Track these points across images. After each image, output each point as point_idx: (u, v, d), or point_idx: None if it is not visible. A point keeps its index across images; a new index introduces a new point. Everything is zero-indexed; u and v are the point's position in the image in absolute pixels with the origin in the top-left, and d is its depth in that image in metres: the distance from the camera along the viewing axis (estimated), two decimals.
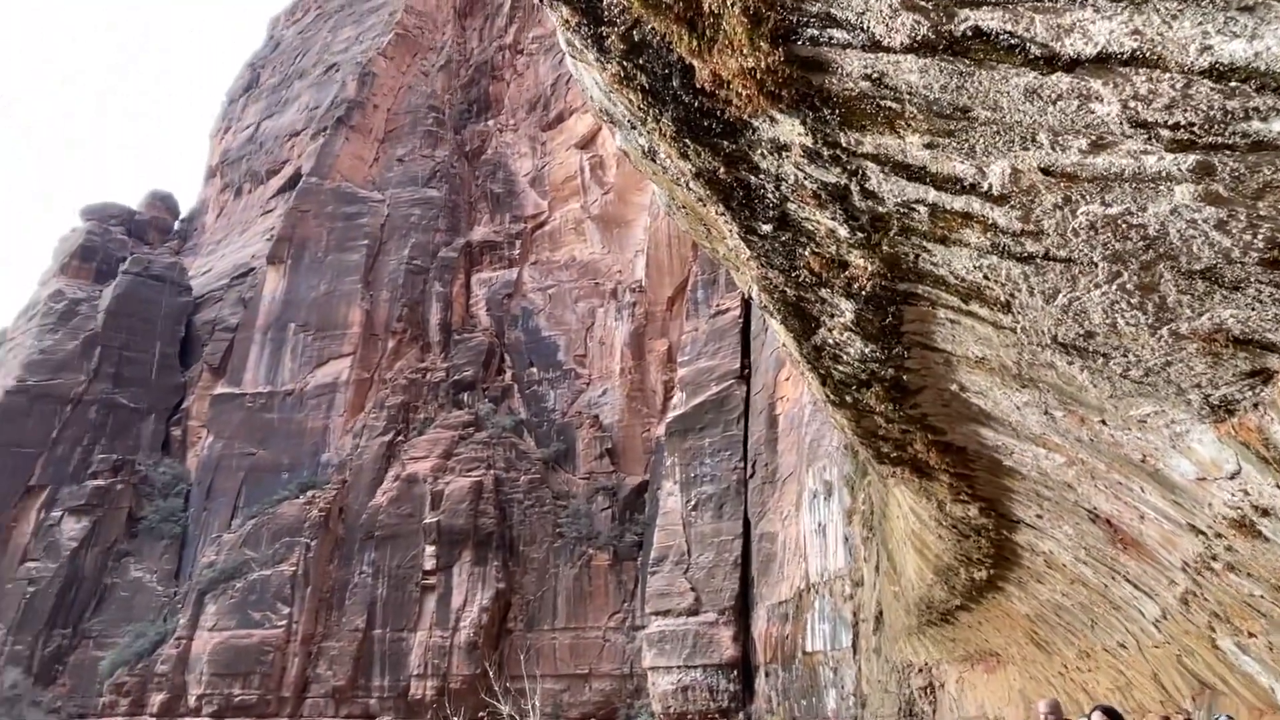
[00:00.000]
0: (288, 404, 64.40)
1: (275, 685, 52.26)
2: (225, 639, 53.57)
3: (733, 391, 37.93)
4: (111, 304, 75.43)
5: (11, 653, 59.77)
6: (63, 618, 62.11)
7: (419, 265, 65.71)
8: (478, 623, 48.75)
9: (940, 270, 4.80)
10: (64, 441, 69.18)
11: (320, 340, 65.13)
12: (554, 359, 59.09)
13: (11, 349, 75.95)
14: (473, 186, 70.22)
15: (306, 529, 55.83)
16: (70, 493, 66.29)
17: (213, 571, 56.30)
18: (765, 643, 29.07)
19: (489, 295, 63.77)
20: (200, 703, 52.59)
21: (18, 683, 58.53)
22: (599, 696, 46.53)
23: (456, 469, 54.13)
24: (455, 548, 51.12)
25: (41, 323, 74.75)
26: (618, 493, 52.28)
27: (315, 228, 69.36)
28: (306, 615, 53.91)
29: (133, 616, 61.40)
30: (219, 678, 52.66)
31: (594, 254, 60.90)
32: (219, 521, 61.74)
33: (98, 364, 72.52)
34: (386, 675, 50.16)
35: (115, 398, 72.02)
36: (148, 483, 68.28)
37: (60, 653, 61.17)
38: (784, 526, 28.82)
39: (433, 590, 50.89)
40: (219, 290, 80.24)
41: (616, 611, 48.19)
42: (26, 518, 66.17)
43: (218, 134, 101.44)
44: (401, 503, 54.15)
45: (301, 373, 64.81)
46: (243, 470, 63.09)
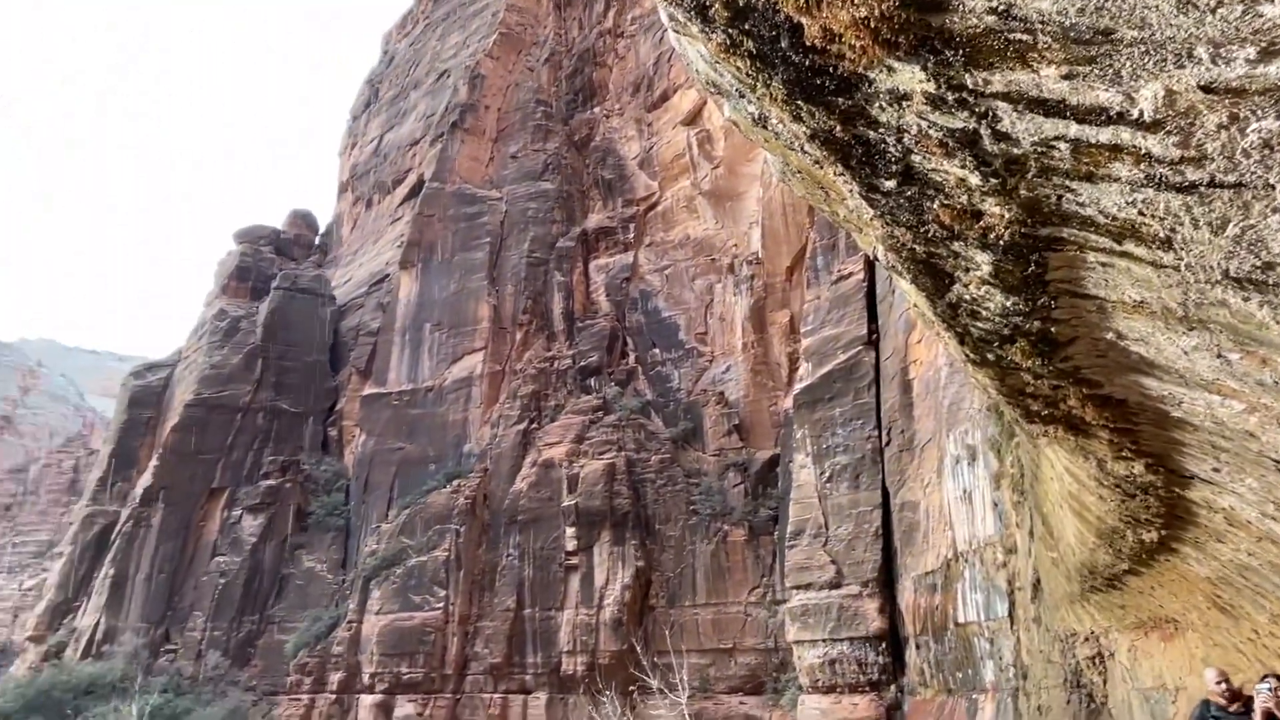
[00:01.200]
0: (429, 399, 67.99)
1: (438, 663, 55.69)
2: (390, 621, 57.51)
3: (861, 358, 36.79)
4: (267, 318, 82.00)
5: (211, 638, 66.67)
6: (250, 605, 68.59)
7: (539, 257, 67.49)
8: (620, 600, 49.96)
9: (1087, 210, 4.45)
10: (238, 447, 76.08)
11: (454, 337, 68.24)
12: (675, 339, 59.33)
13: (188, 366, 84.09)
14: (584, 175, 71.29)
15: (455, 516, 58.93)
16: (247, 493, 72.94)
17: (375, 559, 60.47)
18: (913, 614, 28.22)
19: (607, 281, 64.70)
20: (373, 680, 56.81)
21: (219, 664, 65.31)
22: (744, 670, 46.73)
23: (589, 452, 55.48)
24: (594, 528, 52.52)
25: (210, 340, 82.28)
26: (749, 468, 52.05)
27: (440, 230, 72.55)
28: (461, 597, 57.03)
29: (308, 603, 66.98)
30: (388, 657, 56.66)
31: (708, 230, 60.50)
32: (377, 513, 66.19)
33: (260, 374, 79.14)
34: (539, 652, 52.37)
35: (278, 404, 78.49)
36: (312, 480, 74.12)
37: (251, 637, 67.64)
38: (926, 495, 27.79)
39: (576, 570, 52.55)
40: (359, 297, 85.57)
41: (756, 586, 48.14)
42: (213, 517, 73.40)
43: (345, 151, 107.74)
44: (540, 487, 56.12)
45: (439, 369, 68.20)
46: (394, 464, 67.28)
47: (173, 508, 72.57)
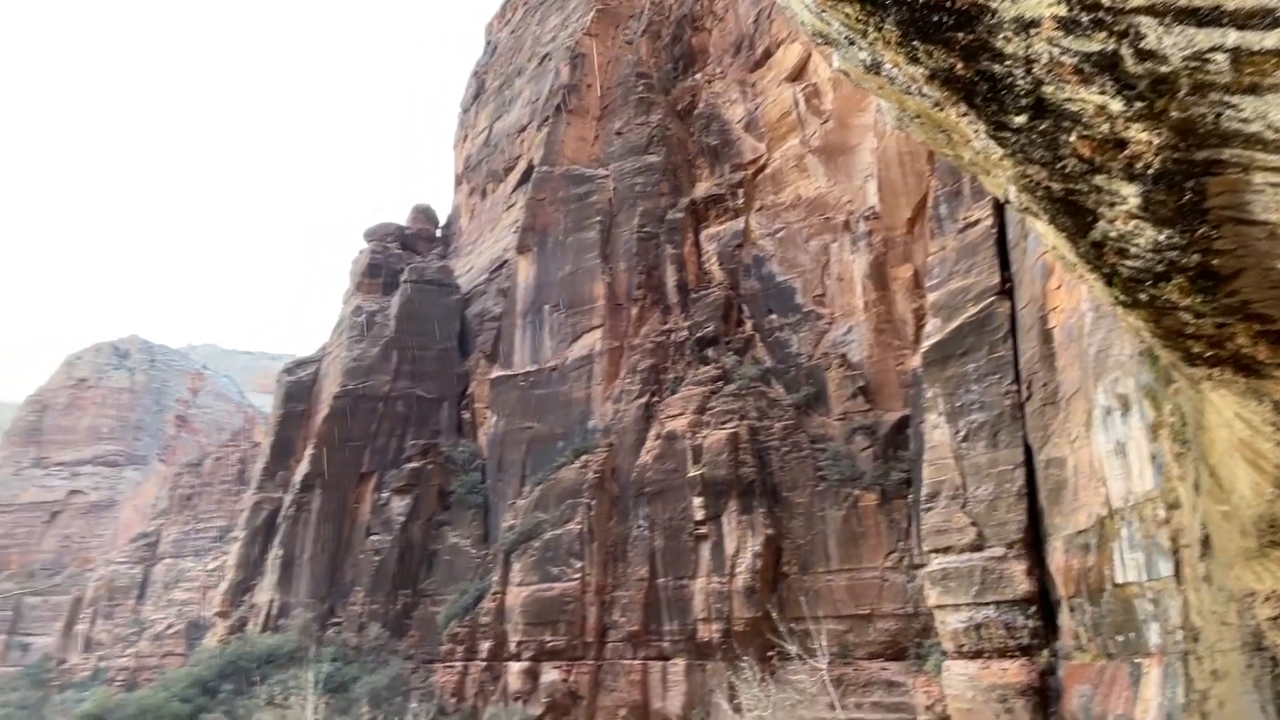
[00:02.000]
0: (553, 379, 69.94)
1: (579, 631, 57.76)
2: (531, 592, 60.05)
3: (994, 309, 34.82)
4: (399, 311, 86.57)
5: (371, 611, 71.84)
6: (403, 580, 73.36)
7: (649, 231, 67.69)
8: (752, 568, 50.02)
9: (1252, 127, 4.01)
10: (382, 433, 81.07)
11: (572, 317, 69.74)
12: (792, 303, 58.20)
13: (332, 360, 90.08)
14: (689, 144, 70.66)
15: (585, 490, 60.61)
16: (393, 475, 77.73)
17: (513, 534, 63.18)
18: (1065, 576, 26.75)
19: (719, 249, 64.12)
20: (519, 649, 59.62)
21: (379, 634, 70.34)
22: (884, 636, 45.87)
23: (711, 423, 55.55)
24: (720, 498, 52.70)
25: (349, 335, 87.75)
26: (877, 431, 50.64)
27: (553, 213, 74.01)
28: (596, 568, 58.75)
29: (455, 577, 70.90)
30: (531, 626, 59.27)
31: (820, 188, 58.72)
32: (511, 490, 69.01)
33: (397, 364, 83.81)
34: (674, 620, 53.32)
35: (414, 391, 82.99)
36: (451, 461, 78.11)
37: (406, 609, 72.40)
38: (1073, 450, 26.13)
39: (705, 539, 52.99)
40: (482, 284, 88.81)
41: (892, 551, 47.00)
42: (365, 499, 78.74)
43: (458, 143, 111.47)
44: (665, 459, 56.76)
45: (560, 349, 69.96)
46: (524, 443, 69.82)
47: (329, 492, 78.41)
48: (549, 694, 57.13)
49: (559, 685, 57.11)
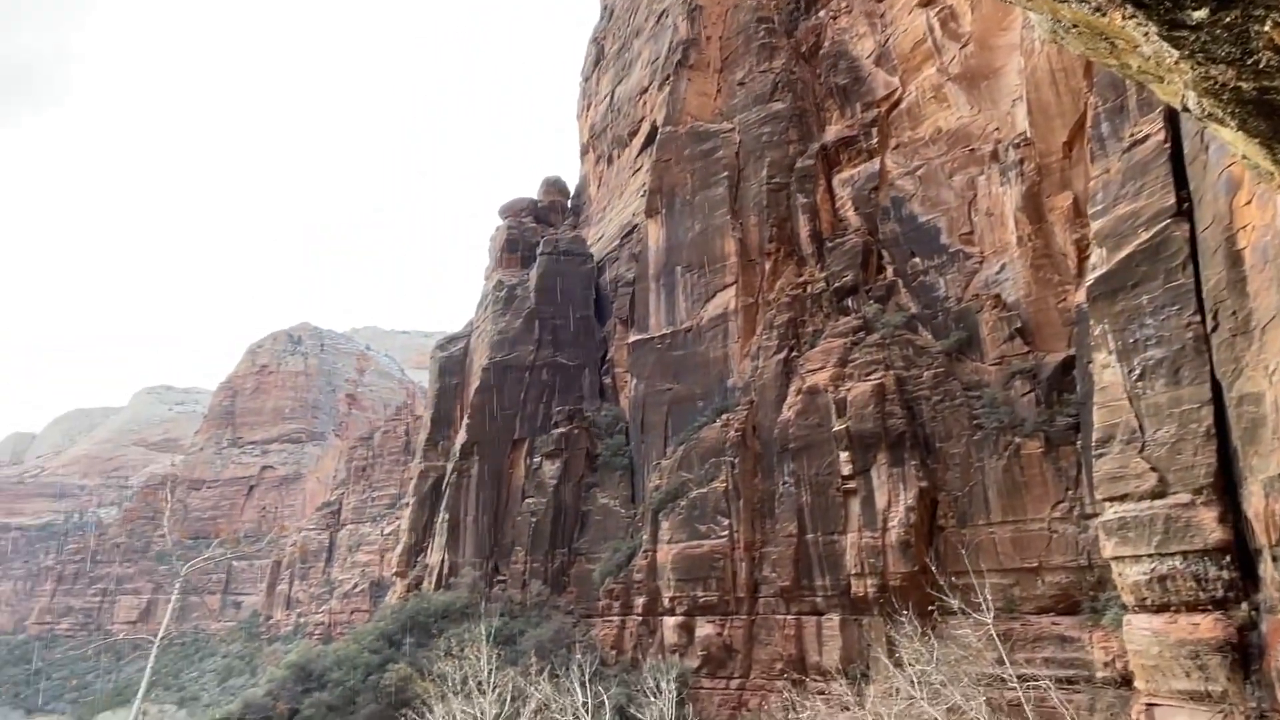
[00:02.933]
0: (689, 340, 70.11)
1: (730, 587, 58.40)
2: (681, 550, 61.19)
3: (1170, 234, 31.42)
4: (537, 283, 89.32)
5: (532, 569, 75.69)
6: (559, 540, 76.71)
7: (779, 182, 65.87)
8: (906, 522, 48.53)
9: None
10: (530, 401, 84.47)
11: (705, 276, 69.37)
12: (936, 244, 55.07)
13: (479, 335, 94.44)
14: (816, 87, 67.80)
15: (728, 449, 60.72)
16: (543, 441, 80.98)
17: (660, 494, 64.42)
18: (1266, 523, 24.17)
19: (854, 194, 61.52)
20: (673, 604, 61.07)
21: (541, 591, 74.10)
22: (1054, 590, 43.38)
23: (854, 375, 53.93)
24: (869, 451, 51.29)
25: (493, 309, 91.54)
26: (1038, 374, 47.37)
27: (679, 173, 73.48)
28: (744, 525, 58.99)
29: (607, 535, 73.34)
30: (683, 582, 60.50)
31: (962, 118, 54.84)
32: (655, 451, 70.20)
33: (539, 334, 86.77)
34: (826, 575, 52.77)
35: (557, 359, 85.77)
36: (596, 425, 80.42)
37: (563, 567, 75.75)
38: (1272, 384, 23.36)
39: (854, 494, 51.86)
40: (613, 251, 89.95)
41: (1060, 501, 44.15)
42: (518, 464, 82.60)
43: (582, 113, 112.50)
44: (808, 414, 55.79)
45: (695, 309, 69.88)
46: (665, 404, 70.67)
47: (485, 459, 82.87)
48: (704, 647, 58.33)
49: (713, 639, 58.16)
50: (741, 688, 56.73)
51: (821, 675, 49.37)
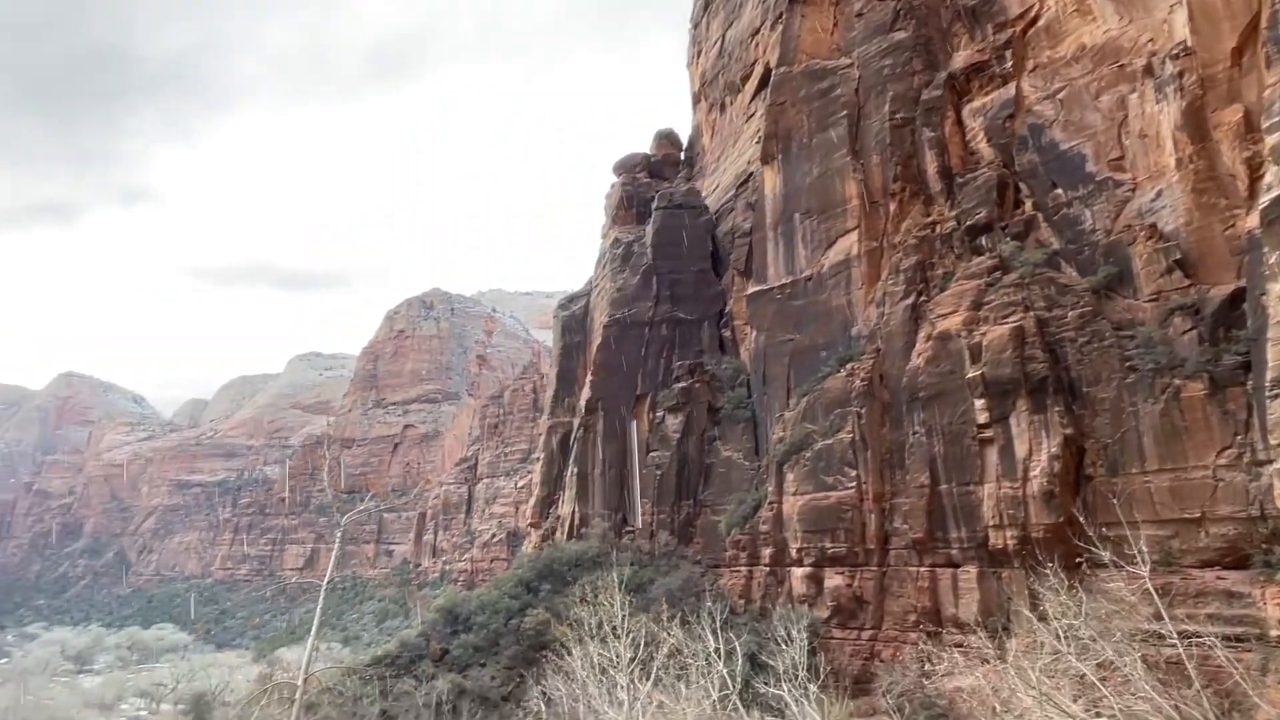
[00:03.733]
0: (809, 289, 68.35)
1: (859, 538, 57.45)
2: (807, 501, 60.59)
3: None
4: (653, 238, 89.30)
5: (659, 520, 77.19)
6: (684, 491, 77.72)
7: (903, 118, 62.38)
8: (1049, 471, 45.97)
9: None
10: (650, 356, 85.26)
11: (824, 222, 67.13)
12: (1081, 172, 50.70)
13: (599, 293, 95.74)
14: (941, 11, 63.23)
15: (854, 399, 59.19)
16: (664, 395, 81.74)
17: (783, 446, 63.80)
18: None
19: (986, 124, 57.44)
20: (800, 555, 60.78)
21: (668, 541, 75.59)
22: (1220, 542, 40.06)
23: (990, 318, 51.04)
24: (1007, 398, 48.67)
25: (611, 267, 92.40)
26: (1200, 309, 43.16)
27: (795, 116, 70.93)
28: (872, 476, 57.63)
29: (731, 487, 73.58)
30: (810, 534, 60.02)
31: (1109, 31, 49.78)
32: (778, 402, 69.39)
33: (656, 290, 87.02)
34: (962, 527, 50.92)
35: (676, 314, 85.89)
36: (716, 379, 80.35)
37: (689, 518, 76.81)
38: None
39: (991, 443, 49.51)
40: (729, 201, 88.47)
41: (1226, 447, 40.45)
42: (642, 418, 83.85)
43: (692, 61, 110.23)
44: (939, 361, 53.43)
45: (815, 257, 67.91)
46: (786, 355, 69.51)
47: (609, 414, 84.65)
48: (834, 598, 57.89)
49: (843, 590, 57.58)
50: (873, 638, 56.08)
51: (958, 628, 48.04)
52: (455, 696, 52.53)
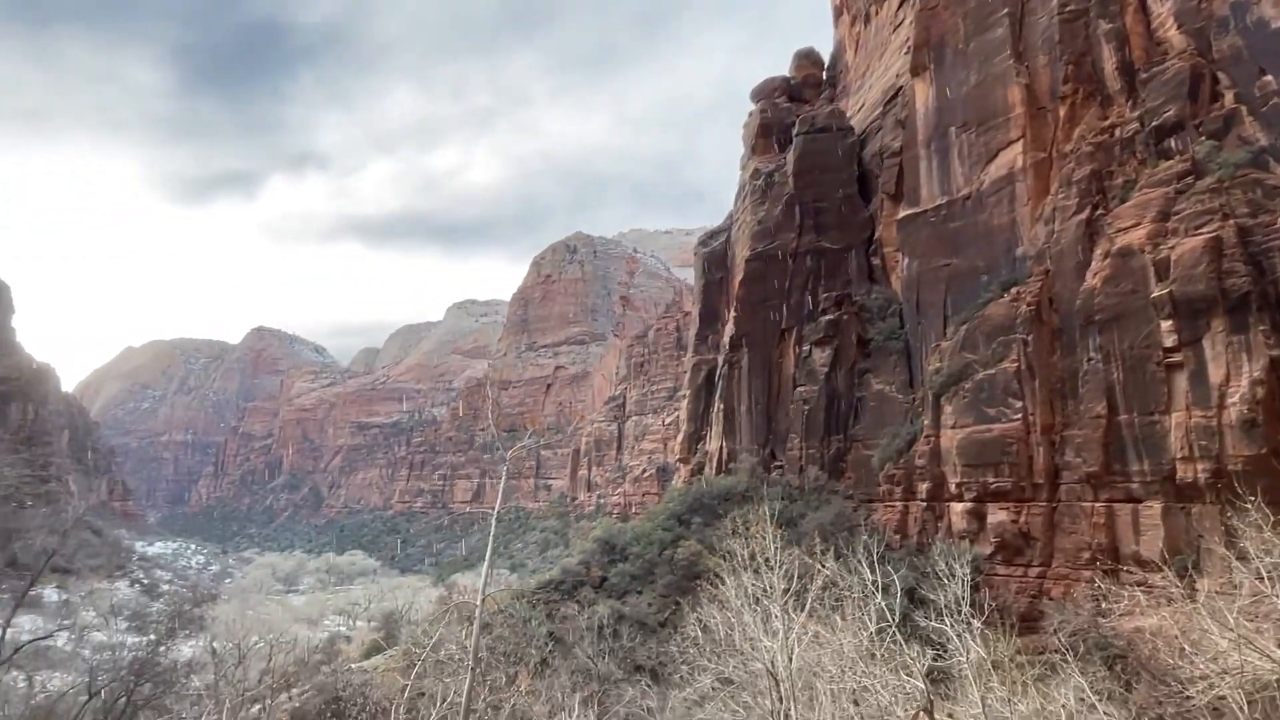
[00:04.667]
0: (967, 209, 63.90)
1: (1025, 472, 54.30)
2: (967, 434, 57.77)
3: None
4: (795, 166, 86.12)
5: (808, 455, 76.34)
6: (834, 426, 76.16)
7: (1074, 9, 56.03)
8: (1250, 398, 41.26)
9: None
10: (794, 289, 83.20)
11: (983, 135, 62.14)
12: None
13: (740, 227, 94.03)
14: None
15: (1019, 325, 55.31)
16: (811, 329, 79.82)
17: (940, 377, 60.86)
18: None
19: (1176, 8, 50.57)
20: (960, 489, 58.34)
21: (818, 476, 74.74)
22: None
23: (1180, 230, 45.78)
24: (1199, 318, 43.84)
25: (752, 199, 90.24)
26: None
27: (949, 19, 65.39)
28: (1040, 407, 54.01)
29: (884, 421, 71.34)
30: (971, 468, 57.37)
31: None
32: (934, 332, 66.07)
33: (800, 220, 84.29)
34: (1144, 459, 46.94)
35: (820, 244, 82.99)
36: (866, 310, 77.42)
37: (840, 453, 75.39)
38: None
39: (1180, 368, 44.94)
40: (875, 120, 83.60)
41: None
42: (787, 354, 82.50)
43: None
44: (1118, 280, 48.74)
45: (973, 174, 63.22)
46: (942, 281, 65.73)
47: (754, 350, 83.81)
48: (997, 534, 55.38)
49: (1008, 526, 54.92)
50: (1042, 576, 53.37)
51: (1139, 566, 44.77)
52: (615, 621, 55.18)
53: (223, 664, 30.26)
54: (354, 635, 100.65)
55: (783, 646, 20.14)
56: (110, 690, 31.77)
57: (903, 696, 20.10)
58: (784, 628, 20.67)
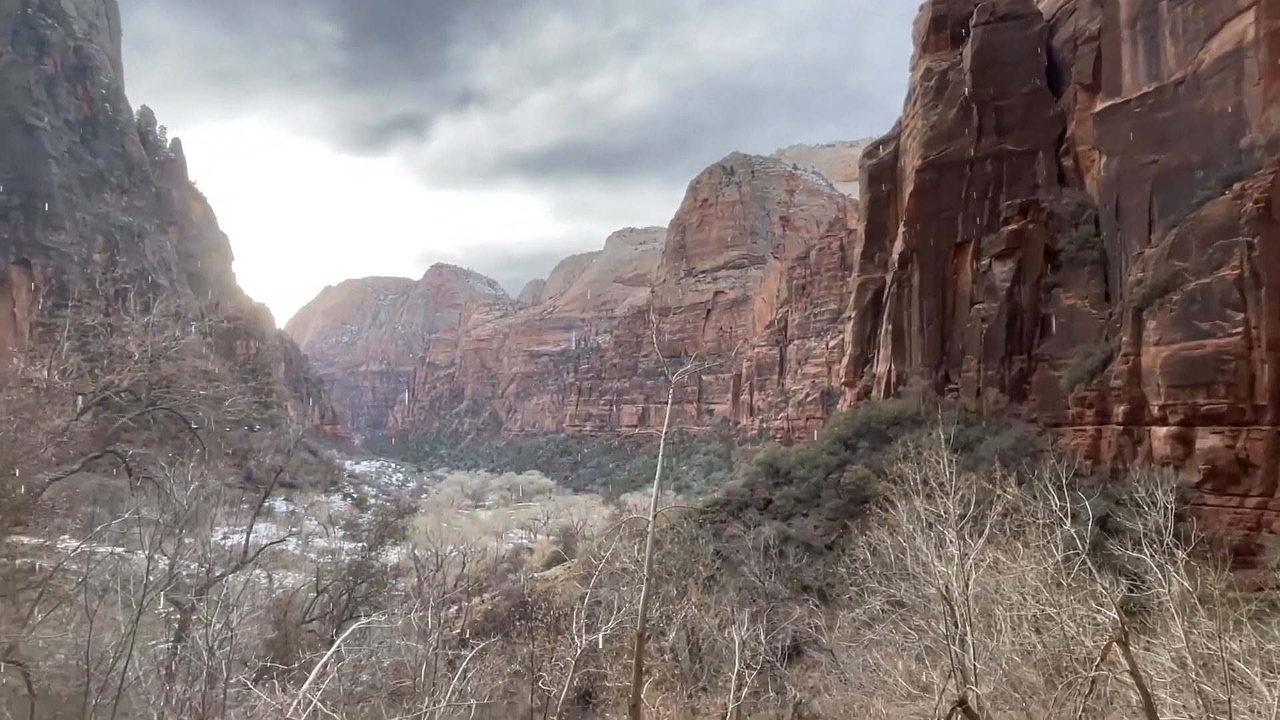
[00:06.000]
0: (1180, 95, 56.07)
1: (1245, 394, 48.45)
2: (1174, 351, 52.07)
3: None
4: (973, 62, 78.72)
5: (986, 377, 72.00)
6: (1015, 346, 71.10)
7: None
8: None
9: None
10: (972, 199, 77.25)
11: (1203, 6, 53.70)
12: None
13: (909, 134, 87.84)
14: None
15: (1243, 226, 48.51)
16: (990, 241, 74.07)
17: (1143, 288, 54.89)
18: None
19: None
20: (1164, 412, 53.03)
21: (998, 399, 70.46)
22: None
23: None
24: None
25: (923, 102, 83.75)
26: None
27: None
28: (1265, 319, 47.59)
29: (1074, 339, 65.67)
30: (1177, 389, 51.87)
31: None
32: (1136, 238, 59.40)
33: (978, 122, 77.48)
34: None
35: (1002, 146, 76.04)
36: (1054, 217, 70.65)
37: (1023, 374, 70.49)
38: None
39: None
40: (1067, 3, 74.43)
41: None
42: (963, 269, 77.31)
43: None
44: None
45: (1189, 54, 55.09)
46: (1147, 181, 58.57)
47: (926, 266, 79.10)
48: (1208, 460, 50.07)
49: (1221, 452, 49.44)
50: (1262, 507, 47.99)
51: None
52: (780, 542, 55.58)
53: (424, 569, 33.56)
54: (535, 547, 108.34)
55: (958, 572, 19.41)
56: (334, 587, 36.38)
57: (1092, 627, 18.92)
58: (959, 553, 19.88)
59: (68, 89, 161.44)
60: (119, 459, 24.49)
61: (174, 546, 19.83)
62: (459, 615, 34.82)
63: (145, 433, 27.54)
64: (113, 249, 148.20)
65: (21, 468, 17.50)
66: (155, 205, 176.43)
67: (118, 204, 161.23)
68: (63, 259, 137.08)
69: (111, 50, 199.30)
